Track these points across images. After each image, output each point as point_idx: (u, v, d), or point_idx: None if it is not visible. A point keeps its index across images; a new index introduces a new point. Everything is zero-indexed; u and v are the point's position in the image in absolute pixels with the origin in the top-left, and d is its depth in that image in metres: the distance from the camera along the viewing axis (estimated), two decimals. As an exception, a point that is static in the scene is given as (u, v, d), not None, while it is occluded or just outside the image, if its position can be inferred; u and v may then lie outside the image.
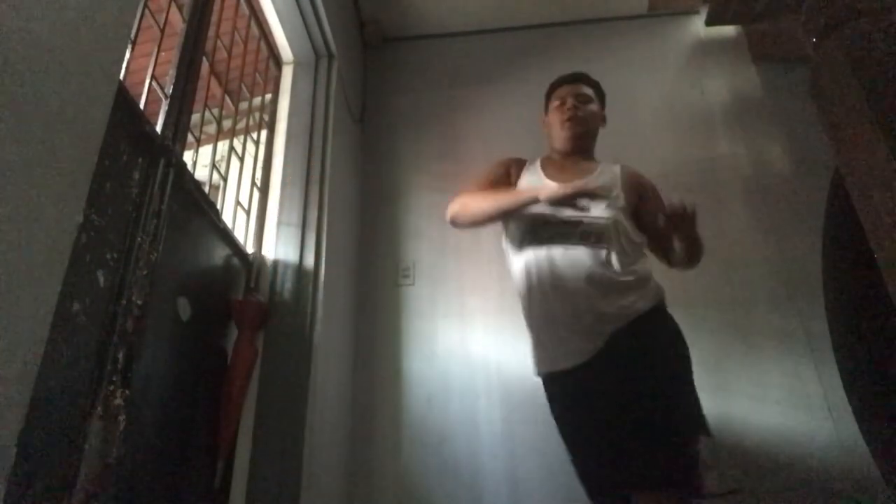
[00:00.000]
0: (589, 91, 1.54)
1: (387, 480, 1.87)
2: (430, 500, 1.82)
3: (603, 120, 1.59)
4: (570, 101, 1.48)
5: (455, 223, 1.41)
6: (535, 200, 1.24)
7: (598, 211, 1.31)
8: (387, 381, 2.03)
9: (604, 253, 1.28)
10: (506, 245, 1.46)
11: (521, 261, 1.35)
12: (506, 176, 1.49)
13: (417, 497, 1.84)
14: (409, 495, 1.84)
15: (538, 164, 1.51)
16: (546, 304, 1.29)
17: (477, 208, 1.36)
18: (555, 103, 1.53)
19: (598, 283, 1.25)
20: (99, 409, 0.90)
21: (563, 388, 1.27)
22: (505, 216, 1.38)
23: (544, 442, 1.86)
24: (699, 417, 1.19)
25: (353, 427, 1.96)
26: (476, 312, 2.12)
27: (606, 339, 1.22)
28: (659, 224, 1.27)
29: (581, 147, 1.48)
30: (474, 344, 2.06)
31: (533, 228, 1.34)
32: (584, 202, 1.23)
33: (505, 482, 1.82)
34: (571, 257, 1.28)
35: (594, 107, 1.52)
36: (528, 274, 1.33)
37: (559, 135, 1.48)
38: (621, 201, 1.37)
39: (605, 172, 1.44)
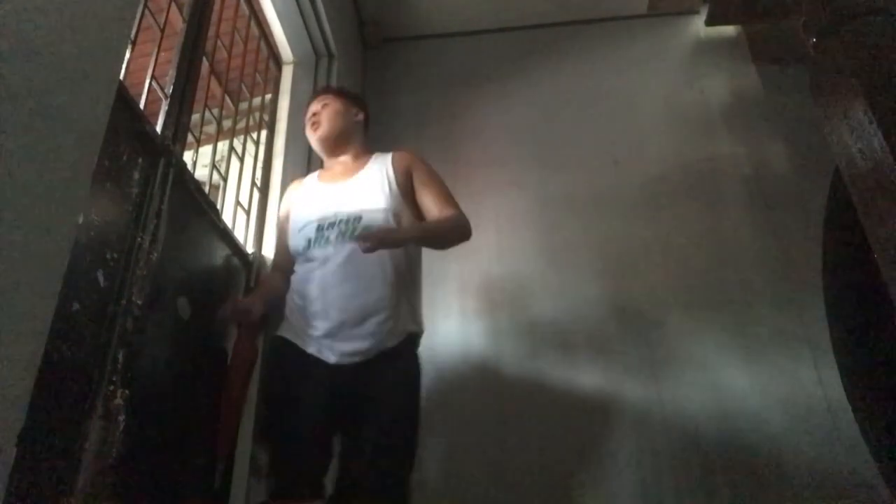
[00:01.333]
0: (328, 98, 1.56)
1: (387, 480, 1.87)
2: (430, 501, 1.82)
3: (357, 115, 1.58)
4: (309, 113, 1.54)
5: None
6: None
7: (365, 203, 1.35)
8: (387, 381, 2.03)
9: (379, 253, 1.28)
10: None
11: (307, 264, 1.36)
12: (284, 225, 1.51)
13: (417, 497, 1.84)
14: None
15: (315, 176, 1.56)
16: (323, 297, 1.29)
17: None
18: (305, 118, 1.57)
19: (375, 287, 1.28)
20: (99, 409, 0.90)
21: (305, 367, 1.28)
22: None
23: (543, 442, 1.86)
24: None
25: (353, 427, 1.95)
26: (476, 313, 2.12)
27: (366, 355, 1.26)
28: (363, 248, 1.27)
29: (332, 146, 1.51)
30: (474, 344, 2.06)
31: (319, 230, 1.35)
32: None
33: (505, 482, 1.82)
34: (354, 255, 1.28)
35: (333, 107, 1.52)
36: (315, 267, 1.33)
37: (312, 143, 1.55)
38: (393, 185, 1.40)
39: (372, 167, 1.46)
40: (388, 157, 1.47)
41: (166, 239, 1.13)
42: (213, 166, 1.58)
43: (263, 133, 1.93)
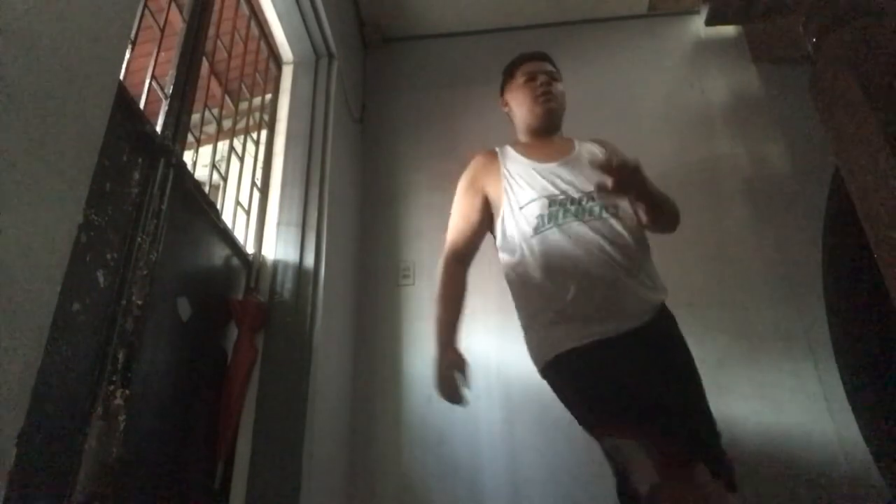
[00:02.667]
0: (554, 71, 1.48)
1: (387, 480, 1.87)
2: (430, 501, 1.82)
3: (565, 101, 1.53)
4: (541, 77, 1.42)
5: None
6: (439, 360, 1.24)
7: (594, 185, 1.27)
8: (387, 381, 2.03)
9: (620, 226, 1.26)
10: (507, 236, 1.33)
11: (544, 240, 1.24)
12: (480, 197, 1.40)
13: (417, 497, 1.84)
14: (409, 495, 1.84)
15: (512, 151, 1.42)
16: (585, 274, 1.20)
17: (437, 306, 1.33)
18: (520, 80, 1.45)
19: (626, 256, 1.23)
20: (99, 409, 0.90)
21: (601, 358, 1.15)
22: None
23: (544, 442, 1.86)
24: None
25: (353, 427, 1.96)
26: (476, 312, 2.11)
27: (650, 314, 1.20)
28: (606, 187, 1.17)
29: (554, 125, 1.44)
30: (475, 344, 2.06)
31: (551, 209, 1.26)
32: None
33: (505, 483, 1.82)
34: (604, 236, 1.23)
35: (561, 86, 1.47)
36: (558, 250, 1.23)
37: (532, 111, 1.41)
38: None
39: (583, 150, 1.40)
40: (595, 145, 1.44)
41: (166, 239, 1.13)
42: (213, 166, 1.58)
43: (263, 133, 1.93)
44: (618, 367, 1.13)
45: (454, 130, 2.51)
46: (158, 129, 1.20)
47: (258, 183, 1.84)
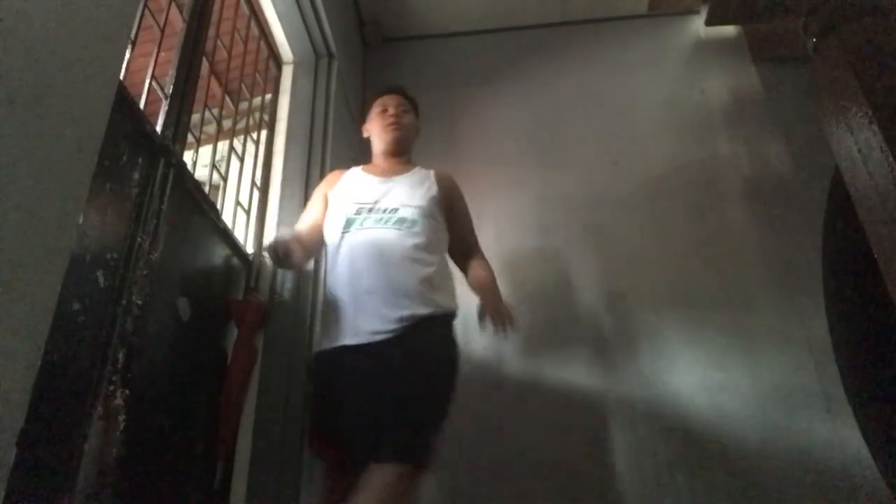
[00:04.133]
0: (407, 103, 1.69)
1: (387, 480, 1.87)
2: (430, 500, 1.82)
3: (417, 131, 1.73)
4: (391, 109, 1.65)
5: None
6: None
7: (413, 199, 1.47)
8: (387, 381, 2.03)
9: (416, 239, 1.40)
10: (329, 232, 1.52)
11: (344, 242, 1.44)
12: (322, 195, 1.60)
13: (417, 497, 1.84)
14: (409, 495, 1.84)
15: (356, 168, 1.65)
16: (359, 282, 1.36)
17: None
18: (377, 110, 1.68)
19: (408, 267, 1.36)
20: (99, 409, 0.90)
21: (341, 364, 1.32)
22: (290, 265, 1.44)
23: (545, 442, 1.86)
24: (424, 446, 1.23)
25: (353, 427, 1.95)
26: (476, 312, 2.11)
27: (399, 328, 1.29)
28: (474, 286, 1.49)
29: (399, 150, 1.63)
30: (475, 343, 2.06)
31: (357, 214, 1.46)
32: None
33: (505, 483, 1.82)
34: (390, 240, 1.39)
35: (411, 118, 1.68)
36: (349, 253, 1.41)
37: (381, 137, 1.63)
38: (434, 191, 1.52)
39: (418, 174, 1.59)
40: (431, 172, 1.61)
41: (166, 239, 1.13)
42: (213, 166, 1.58)
43: (263, 133, 1.93)
44: (331, 382, 1.34)
45: (454, 130, 2.51)
46: (158, 129, 1.20)
47: (258, 183, 1.84)
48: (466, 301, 1.44)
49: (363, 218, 1.45)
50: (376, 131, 1.66)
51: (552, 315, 2.07)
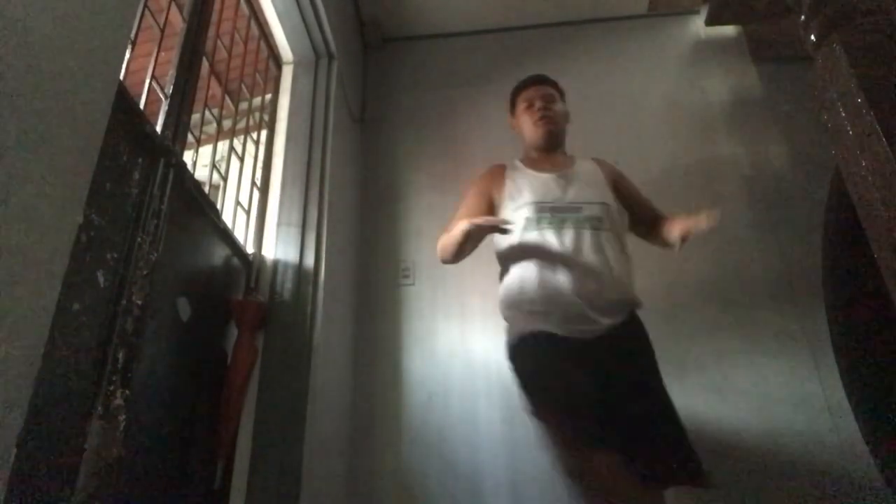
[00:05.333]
0: (553, 91, 1.66)
1: (387, 480, 1.87)
2: (430, 500, 1.82)
3: (567, 117, 1.70)
4: (538, 103, 1.60)
5: (445, 262, 1.53)
6: (468, 232, 1.35)
7: (595, 196, 1.46)
8: (387, 381, 2.03)
9: (606, 234, 1.40)
10: (499, 239, 1.50)
11: (533, 241, 1.41)
12: (486, 196, 1.56)
13: (417, 497, 1.84)
14: (409, 495, 1.84)
15: (518, 163, 1.61)
16: (558, 278, 1.35)
17: (445, 251, 1.49)
18: (522, 105, 1.64)
19: (604, 263, 1.36)
20: (99, 409, 0.90)
21: (559, 352, 1.31)
22: (465, 250, 1.44)
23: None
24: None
25: (353, 427, 1.96)
26: (476, 312, 2.12)
27: (609, 325, 1.32)
28: (669, 236, 1.41)
29: (555, 143, 1.61)
30: (474, 344, 2.06)
31: (539, 214, 1.43)
32: (508, 225, 1.36)
33: (505, 483, 1.82)
34: (581, 239, 1.38)
35: (559, 106, 1.65)
36: (541, 254, 1.39)
37: (533, 134, 1.60)
38: (607, 183, 1.52)
39: (582, 165, 1.58)
40: (593, 162, 1.60)
41: (166, 239, 1.13)
42: (213, 166, 1.58)
43: (263, 133, 1.93)
44: (562, 362, 1.29)
45: (454, 130, 2.51)
46: (158, 129, 1.20)
47: (258, 183, 1.84)
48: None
49: (545, 218, 1.41)
50: (527, 128, 1.61)
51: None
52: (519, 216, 1.44)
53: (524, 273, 1.39)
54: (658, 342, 2.01)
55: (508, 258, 1.46)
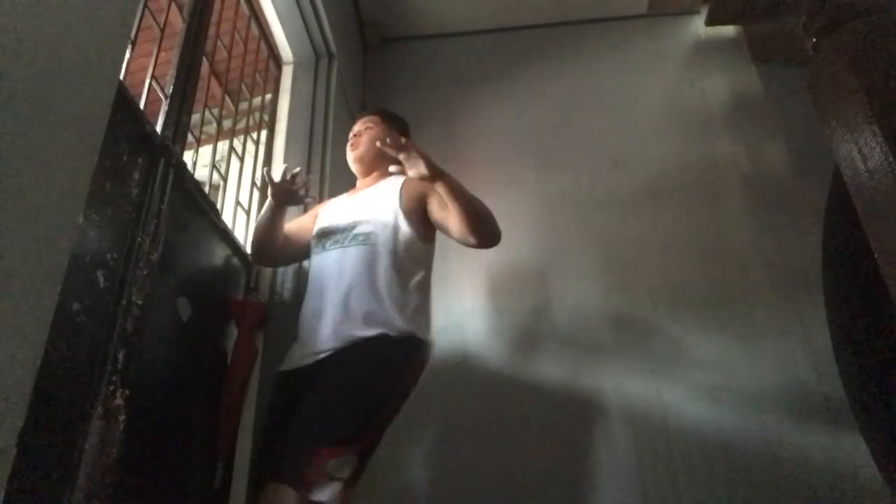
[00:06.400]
0: (370, 120, 1.58)
1: (387, 481, 1.87)
2: (431, 500, 1.82)
3: (381, 139, 1.41)
4: (350, 136, 1.60)
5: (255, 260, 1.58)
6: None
7: (366, 214, 1.38)
8: (387, 381, 2.03)
9: (373, 254, 1.31)
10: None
11: (310, 268, 1.44)
12: (306, 220, 1.57)
13: (417, 497, 1.84)
14: (408, 495, 1.84)
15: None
16: (314, 304, 1.33)
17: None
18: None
19: (360, 285, 1.27)
20: (99, 409, 0.90)
21: (283, 388, 1.30)
22: (264, 231, 1.46)
23: (545, 443, 1.86)
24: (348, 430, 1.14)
25: (353, 427, 1.95)
26: (476, 313, 2.12)
27: (334, 349, 1.22)
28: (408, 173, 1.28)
29: (366, 168, 1.54)
30: (474, 344, 2.06)
31: (319, 236, 1.44)
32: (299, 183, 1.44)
33: (505, 482, 1.82)
34: (345, 258, 1.33)
35: (372, 132, 1.54)
36: (312, 276, 1.40)
37: (349, 162, 1.59)
38: (394, 197, 1.39)
39: (388, 183, 1.46)
40: (401, 179, 1.43)
41: (166, 239, 1.13)
42: (213, 166, 1.58)
43: (263, 133, 1.93)
44: (275, 401, 1.29)
45: (454, 130, 2.51)
46: (158, 129, 1.20)
47: (258, 183, 1.84)
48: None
49: (324, 241, 1.41)
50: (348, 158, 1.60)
51: (551, 315, 2.07)
52: (311, 242, 1.47)
53: (307, 293, 1.38)
54: (657, 341, 2.03)
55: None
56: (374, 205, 1.40)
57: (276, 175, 1.44)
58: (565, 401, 1.92)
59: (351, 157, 1.57)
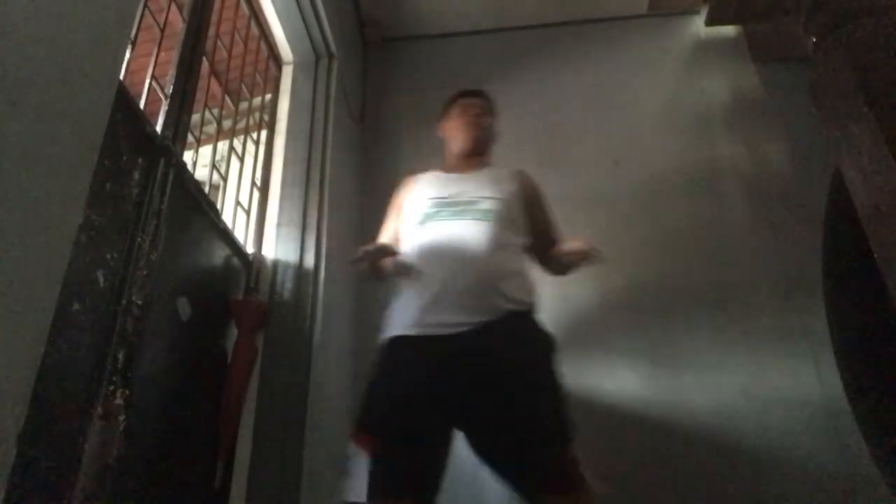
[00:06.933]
0: (486, 105, 1.62)
1: (387, 480, 1.87)
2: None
3: (494, 133, 1.64)
4: (473, 110, 1.58)
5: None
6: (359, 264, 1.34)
7: (491, 192, 1.41)
8: (387, 381, 2.03)
9: (497, 231, 1.34)
10: (403, 230, 1.46)
11: (421, 235, 1.37)
12: (398, 209, 1.54)
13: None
14: (409, 495, 1.84)
15: (429, 171, 1.59)
16: (440, 271, 1.27)
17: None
18: (456, 111, 1.61)
19: (489, 258, 1.29)
20: (99, 409, 0.90)
21: (418, 353, 1.21)
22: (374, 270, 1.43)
23: (544, 442, 1.86)
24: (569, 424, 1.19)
25: (353, 427, 1.96)
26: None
27: (485, 320, 1.20)
28: (559, 253, 1.45)
29: (479, 150, 1.56)
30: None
31: (433, 209, 1.40)
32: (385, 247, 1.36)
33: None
34: (472, 231, 1.33)
35: (490, 119, 1.61)
36: (428, 246, 1.34)
37: (460, 136, 1.56)
38: (512, 187, 1.45)
39: (493, 170, 1.53)
40: (509, 170, 1.55)
41: (166, 239, 1.13)
42: (213, 166, 1.58)
43: (263, 133, 1.93)
44: (408, 369, 1.19)
45: (454, 130, 2.51)
46: (158, 129, 1.20)
47: (258, 183, 1.84)
48: None
49: (439, 211, 1.39)
50: (455, 132, 1.58)
51: (551, 314, 2.06)
52: (417, 212, 1.42)
53: (420, 261, 1.33)
54: (658, 341, 2.02)
55: (408, 256, 1.38)
56: (496, 186, 1.44)
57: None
58: (565, 401, 1.91)
59: (470, 133, 1.54)
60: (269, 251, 1.72)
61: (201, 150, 1.51)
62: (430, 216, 1.39)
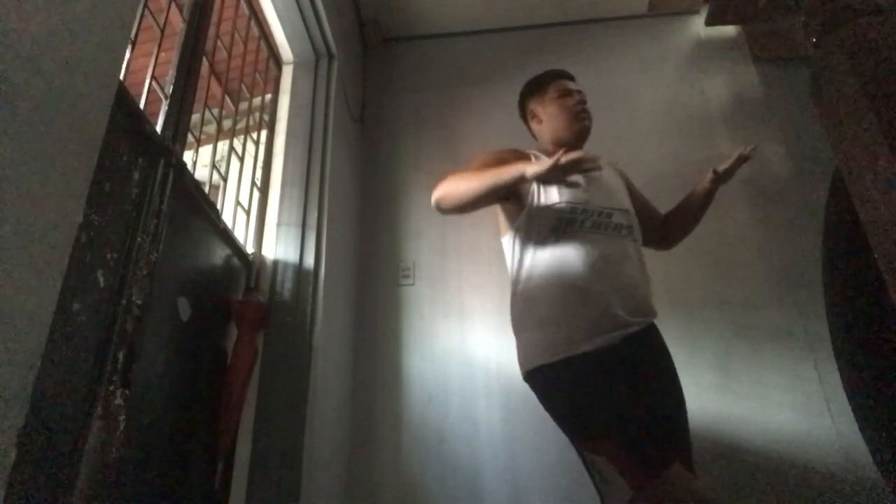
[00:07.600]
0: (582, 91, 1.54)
1: (387, 480, 1.87)
2: (430, 500, 1.82)
3: None
4: (577, 96, 1.45)
5: (440, 207, 1.31)
6: (522, 177, 1.18)
7: (623, 202, 1.39)
8: (387, 381, 2.03)
9: (633, 244, 1.36)
10: (520, 237, 1.33)
11: (561, 243, 1.27)
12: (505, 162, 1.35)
13: (417, 497, 1.84)
14: (409, 495, 1.84)
15: (542, 156, 1.39)
16: (596, 285, 1.23)
17: (466, 188, 1.26)
18: (554, 93, 1.48)
19: (631, 272, 1.31)
20: (99, 409, 0.90)
21: (601, 365, 1.17)
22: (492, 196, 1.29)
23: (544, 442, 1.86)
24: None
25: (353, 427, 1.96)
26: (476, 312, 2.12)
27: (640, 326, 1.27)
28: (705, 181, 1.53)
29: (584, 141, 1.46)
30: (474, 344, 2.06)
31: (571, 217, 1.28)
32: (574, 178, 1.21)
33: (505, 482, 1.82)
34: (615, 246, 1.30)
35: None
36: (574, 258, 1.25)
37: (567, 125, 1.43)
38: (625, 189, 1.48)
39: (606, 169, 1.46)
40: (610, 166, 1.52)
41: (166, 239, 1.13)
42: (213, 166, 1.58)
43: (263, 133, 1.93)
44: (600, 379, 1.17)
45: (454, 130, 2.51)
46: (158, 129, 1.20)
47: (258, 183, 1.84)
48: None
49: (575, 219, 1.28)
50: (559, 117, 1.44)
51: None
52: (549, 215, 1.28)
53: (567, 283, 1.24)
54: (658, 342, 2.02)
55: (538, 263, 1.28)
56: (620, 194, 1.42)
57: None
58: (565, 401, 1.91)
59: (581, 122, 1.42)
60: (269, 251, 1.72)
61: (201, 150, 1.51)
62: (569, 223, 1.28)
